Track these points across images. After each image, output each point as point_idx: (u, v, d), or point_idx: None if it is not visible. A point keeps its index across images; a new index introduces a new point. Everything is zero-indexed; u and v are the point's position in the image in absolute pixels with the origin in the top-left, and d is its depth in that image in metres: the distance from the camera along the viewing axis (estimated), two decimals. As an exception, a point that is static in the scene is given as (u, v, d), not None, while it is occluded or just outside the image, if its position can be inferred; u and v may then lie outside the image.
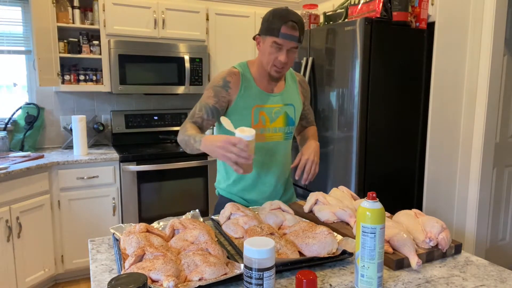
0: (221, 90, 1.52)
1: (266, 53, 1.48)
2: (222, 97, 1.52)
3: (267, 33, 1.45)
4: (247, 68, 1.57)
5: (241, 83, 1.53)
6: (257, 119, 1.55)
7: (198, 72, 3.35)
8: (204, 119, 1.53)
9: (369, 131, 2.41)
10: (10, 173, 2.40)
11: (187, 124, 1.50)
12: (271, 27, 1.43)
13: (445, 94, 2.55)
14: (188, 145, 1.43)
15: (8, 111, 3.16)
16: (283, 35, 1.42)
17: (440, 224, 1.17)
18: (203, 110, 1.52)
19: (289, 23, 1.41)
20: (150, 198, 3.06)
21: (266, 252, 0.85)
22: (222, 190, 1.68)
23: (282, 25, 1.41)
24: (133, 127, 3.49)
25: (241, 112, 1.53)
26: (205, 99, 1.53)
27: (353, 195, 1.56)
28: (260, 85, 1.56)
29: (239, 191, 1.63)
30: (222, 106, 1.53)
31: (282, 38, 1.42)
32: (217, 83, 1.53)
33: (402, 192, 2.61)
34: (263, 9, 3.65)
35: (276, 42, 1.44)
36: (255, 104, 1.54)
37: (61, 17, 2.99)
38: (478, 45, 2.54)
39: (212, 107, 1.51)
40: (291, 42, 1.44)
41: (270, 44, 1.45)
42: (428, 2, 2.48)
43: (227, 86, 1.52)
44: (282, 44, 1.44)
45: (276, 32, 1.42)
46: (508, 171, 2.96)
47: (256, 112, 1.54)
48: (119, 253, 1.07)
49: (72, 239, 2.85)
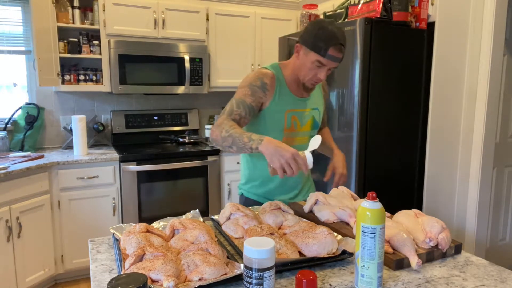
0: (258, 90, 1.49)
1: (306, 67, 1.47)
2: (259, 98, 1.50)
3: (313, 49, 1.42)
4: (280, 71, 1.56)
5: (275, 86, 1.53)
6: (290, 123, 1.56)
7: (198, 72, 3.35)
8: (242, 117, 1.47)
9: (369, 131, 2.41)
10: (10, 173, 2.40)
11: (226, 121, 1.43)
12: (318, 44, 1.40)
13: (445, 94, 2.55)
14: (236, 143, 1.36)
15: (8, 111, 3.16)
16: (329, 56, 1.41)
17: (440, 224, 1.17)
18: (240, 107, 1.47)
19: (337, 46, 1.40)
20: (150, 198, 3.06)
21: (266, 252, 0.85)
22: (247, 192, 1.69)
23: (330, 47, 1.39)
24: (133, 127, 3.49)
25: (273, 115, 1.53)
26: (242, 96, 1.48)
27: (353, 195, 1.56)
28: (292, 89, 1.57)
29: (264, 193, 1.65)
30: (258, 106, 1.51)
31: (328, 59, 1.41)
32: (254, 83, 1.50)
33: (402, 192, 2.61)
34: (263, 9, 3.65)
35: (320, 61, 1.43)
36: (288, 109, 1.55)
37: (61, 17, 2.99)
38: (478, 45, 2.54)
39: (249, 105, 1.48)
40: (335, 63, 1.44)
41: (313, 60, 1.44)
42: (428, 2, 2.47)
43: (265, 88, 1.50)
44: (326, 64, 1.43)
45: (323, 52, 1.40)
46: (508, 171, 2.96)
47: (289, 116, 1.55)
48: (119, 253, 1.07)
49: (72, 239, 2.85)
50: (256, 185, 1.65)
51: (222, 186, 3.35)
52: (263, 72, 1.53)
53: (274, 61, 3.69)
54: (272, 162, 1.26)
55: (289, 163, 1.23)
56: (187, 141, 3.47)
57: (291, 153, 1.24)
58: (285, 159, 1.23)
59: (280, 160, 1.24)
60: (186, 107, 3.81)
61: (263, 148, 1.29)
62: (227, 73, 3.56)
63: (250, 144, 1.33)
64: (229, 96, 3.97)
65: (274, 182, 1.63)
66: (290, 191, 1.67)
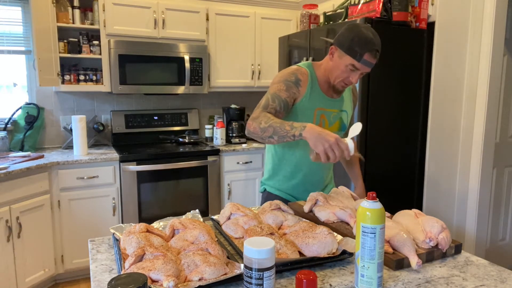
0: (293, 86, 1.52)
1: (340, 70, 1.48)
2: (293, 93, 1.52)
3: (348, 53, 1.43)
4: (313, 70, 1.59)
5: (308, 83, 1.55)
6: (318, 121, 1.58)
7: (198, 72, 3.35)
8: (277, 111, 1.49)
9: (369, 131, 2.41)
10: (10, 173, 2.40)
11: (263, 114, 1.44)
12: (354, 49, 1.42)
13: (445, 94, 2.55)
14: (277, 132, 1.38)
15: (8, 111, 3.16)
16: (364, 61, 1.42)
17: (440, 224, 1.17)
18: (276, 101, 1.49)
19: (373, 51, 1.41)
20: (150, 198, 3.06)
21: (266, 252, 0.85)
22: (270, 187, 1.72)
23: (366, 52, 1.41)
24: (133, 127, 3.49)
25: (304, 112, 1.55)
26: (277, 91, 1.50)
27: (353, 195, 1.56)
28: (323, 89, 1.59)
29: (287, 188, 1.68)
30: (291, 102, 1.53)
31: (362, 64, 1.43)
32: (289, 78, 1.53)
33: (402, 192, 2.61)
34: (263, 9, 3.65)
35: (354, 65, 1.44)
36: (318, 106, 1.57)
37: (61, 17, 2.99)
38: (478, 45, 2.54)
39: (284, 99, 1.50)
40: (368, 68, 1.45)
41: (347, 64, 1.45)
42: (428, 2, 2.47)
43: (299, 84, 1.53)
44: (360, 68, 1.45)
45: (359, 57, 1.42)
46: (508, 171, 2.96)
47: (318, 114, 1.57)
48: (119, 253, 1.07)
49: (72, 239, 2.85)
50: (280, 180, 1.68)
51: (222, 186, 3.35)
52: (298, 68, 1.56)
53: (275, 61, 3.71)
54: (316, 146, 1.28)
55: (332, 148, 1.26)
56: (187, 141, 3.47)
57: (335, 138, 1.26)
58: (328, 144, 1.26)
59: (324, 144, 1.26)
60: (186, 107, 3.81)
61: (307, 134, 1.31)
62: (227, 73, 3.56)
63: (293, 132, 1.35)
64: (229, 96, 3.97)
65: (297, 178, 1.65)
66: (313, 188, 1.69)
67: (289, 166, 1.65)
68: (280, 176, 1.68)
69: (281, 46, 3.23)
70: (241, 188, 3.42)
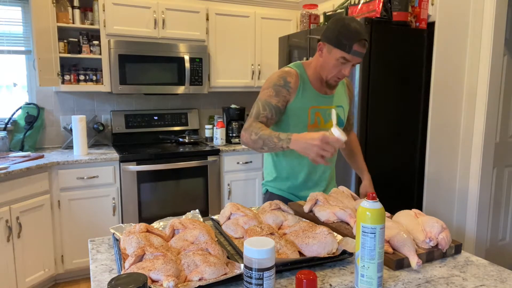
0: (282, 89, 1.52)
1: (331, 64, 1.49)
2: (283, 97, 1.53)
3: (337, 46, 1.44)
4: (303, 70, 1.59)
5: (299, 84, 1.55)
6: (313, 119, 1.58)
7: (198, 72, 3.35)
8: (269, 118, 1.51)
9: (369, 131, 2.41)
10: (10, 173, 2.40)
11: (254, 124, 1.47)
12: (342, 42, 1.43)
13: (445, 94, 2.55)
14: (267, 144, 1.41)
15: (8, 111, 3.16)
16: (354, 52, 1.43)
17: (440, 224, 1.17)
18: (267, 109, 1.50)
19: (362, 41, 1.42)
20: (150, 198, 3.06)
21: (266, 252, 0.85)
22: (272, 188, 1.71)
23: (355, 43, 1.42)
24: (133, 127, 3.49)
25: (297, 112, 1.55)
26: (267, 98, 1.52)
27: (353, 195, 1.56)
28: (315, 86, 1.59)
29: (289, 188, 1.68)
30: (283, 105, 1.54)
31: (353, 55, 1.44)
32: (278, 82, 1.53)
33: (402, 192, 2.61)
34: (263, 9, 3.65)
35: (345, 57, 1.45)
36: (311, 105, 1.57)
37: (61, 17, 2.99)
38: (478, 45, 2.54)
39: (275, 105, 1.51)
40: (359, 58, 1.46)
41: (338, 57, 1.46)
42: (428, 2, 2.47)
43: (288, 86, 1.53)
44: (350, 60, 1.45)
45: (348, 49, 1.42)
46: (508, 171, 2.96)
47: (312, 112, 1.57)
48: (119, 253, 1.07)
49: (72, 239, 2.85)
50: (282, 180, 1.68)
51: (222, 186, 3.35)
52: (286, 70, 1.56)
53: (275, 61, 3.71)
54: (307, 155, 1.30)
55: (322, 148, 1.27)
56: (187, 141, 3.47)
57: (319, 140, 1.27)
58: (317, 148, 1.27)
59: (313, 150, 1.28)
60: (186, 107, 3.80)
61: (294, 146, 1.33)
62: (227, 73, 3.56)
63: (280, 144, 1.38)
64: (229, 96, 3.97)
65: (299, 178, 1.66)
66: (315, 187, 1.69)
67: (291, 166, 1.65)
68: (281, 177, 1.68)
69: (281, 46, 3.23)
70: (241, 188, 3.42)
